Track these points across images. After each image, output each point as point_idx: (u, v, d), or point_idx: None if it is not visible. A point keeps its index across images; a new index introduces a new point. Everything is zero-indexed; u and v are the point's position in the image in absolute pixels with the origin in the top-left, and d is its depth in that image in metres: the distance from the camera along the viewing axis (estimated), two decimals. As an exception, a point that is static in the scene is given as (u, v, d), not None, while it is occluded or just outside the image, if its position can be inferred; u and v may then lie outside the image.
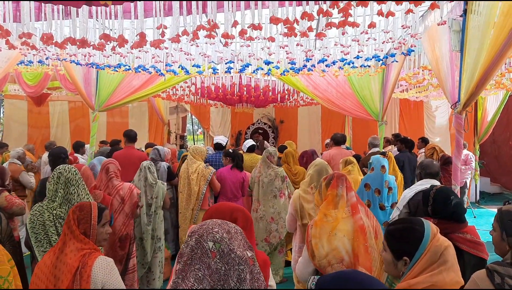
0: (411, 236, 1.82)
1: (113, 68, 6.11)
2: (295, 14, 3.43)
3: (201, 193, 5.36)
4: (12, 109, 12.92)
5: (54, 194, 3.11)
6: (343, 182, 2.72)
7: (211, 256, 1.41)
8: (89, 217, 2.38)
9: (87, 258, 2.21)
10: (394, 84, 6.97)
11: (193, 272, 1.40)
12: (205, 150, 5.72)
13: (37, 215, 3.00)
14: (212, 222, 1.53)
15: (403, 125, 12.37)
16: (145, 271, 4.85)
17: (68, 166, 3.26)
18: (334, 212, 2.60)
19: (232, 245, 1.46)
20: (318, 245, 2.51)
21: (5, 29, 3.29)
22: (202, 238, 1.45)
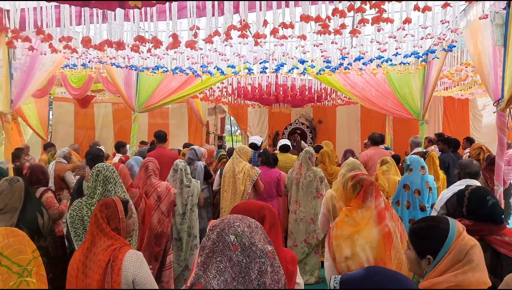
0: (435, 234, 1.76)
1: (151, 70, 6.27)
2: (327, 11, 3.38)
3: (246, 192, 5.40)
4: (60, 111, 13.52)
5: (92, 191, 3.24)
6: (372, 192, 2.63)
7: (233, 249, 1.44)
8: (117, 213, 2.44)
9: (118, 252, 2.27)
10: (436, 82, 6.73)
11: (214, 264, 1.42)
12: (250, 150, 5.75)
13: (76, 211, 3.14)
14: (233, 217, 1.55)
15: (447, 125, 11.91)
16: (181, 270, 4.93)
17: (107, 164, 3.39)
18: (356, 215, 2.53)
19: (253, 238, 1.48)
20: (339, 246, 2.48)
21: (47, 33, 3.44)
22: (223, 232, 1.47)
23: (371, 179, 2.70)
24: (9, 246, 1.78)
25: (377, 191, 2.64)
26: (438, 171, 5.36)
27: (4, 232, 1.82)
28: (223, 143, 15.11)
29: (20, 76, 5.51)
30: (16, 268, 1.75)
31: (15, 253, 1.77)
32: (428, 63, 6.57)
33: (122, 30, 3.75)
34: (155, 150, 6.37)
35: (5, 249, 1.76)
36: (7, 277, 1.72)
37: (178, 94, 7.93)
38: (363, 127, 13.08)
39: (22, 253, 1.79)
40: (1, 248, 1.76)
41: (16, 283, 1.72)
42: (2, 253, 1.75)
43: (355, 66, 5.99)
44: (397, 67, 6.15)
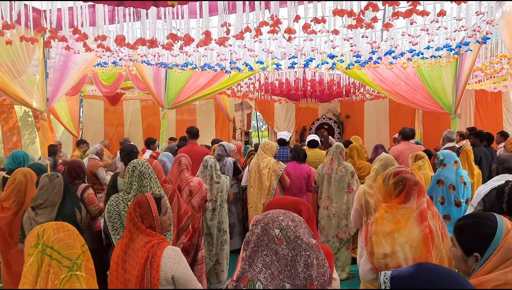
0: (482, 232, 1.72)
1: (181, 67, 6.34)
2: (360, 5, 3.34)
3: (272, 187, 5.41)
4: (90, 108, 13.85)
5: (129, 186, 3.31)
6: (415, 193, 2.53)
7: (278, 242, 1.45)
8: (150, 211, 2.46)
9: (156, 249, 2.31)
10: (469, 75, 6.57)
11: (260, 258, 1.44)
12: (275, 146, 5.75)
13: (113, 206, 3.22)
14: (276, 211, 1.56)
15: (479, 119, 11.59)
16: (213, 264, 4.99)
17: (142, 160, 3.46)
18: (397, 212, 2.47)
19: (298, 232, 1.48)
20: (379, 242, 2.43)
21: (83, 32, 3.53)
22: (268, 226, 1.48)
23: (415, 179, 2.57)
24: (59, 240, 1.83)
25: (420, 190, 2.54)
26: (473, 166, 5.23)
27: (55, 227, 1.88)
28: (249, 139, 15.15)
29: (55, 75, 5.67)
30: (66, 262, 1.80)
31: (65, 247, 1.82)
32: (460, 55, 6.41)
33: (155, 28, 3.80)
34: (187, 146, 6.45)
35: (56, 243, 1.82)
36: (58, 270, 1.77)
37: (206, 91, 8.01)
38: (391, 122, 12.87)
39: (72, 247, 1.84)
40: (52, 242, 1.82)
41: (67, 276, 1.77)
42: (53, 247, 1.81)
43: (385, 60, 5.91)
44: (427, 60, 6.03)
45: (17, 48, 4.85)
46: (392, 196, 2.57)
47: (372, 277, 2.49)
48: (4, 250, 3.82)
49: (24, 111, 11.30)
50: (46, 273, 1.77)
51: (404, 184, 2.53)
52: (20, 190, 3.80)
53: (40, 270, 1.78)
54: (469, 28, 4.70)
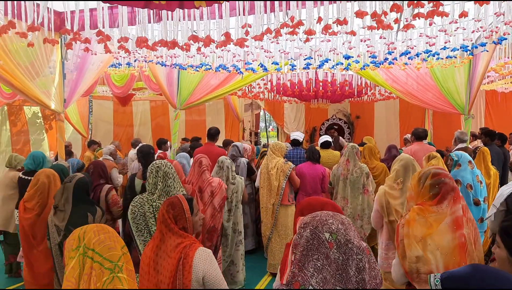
0: None
1: (195, 68, 6.37)
2: (383, 6, 3.35)
3: (280, 188, 5.42)
4: (100, 109, 13.92)
5: (153, 187, 3.32)
6: (450, 198, 2.47)
7: (329, 246, 1.44)
8: (183, 212, 2.46)
9: (188, 250, 2.32)
10: (483, 75, 6.53)
11: (311, 262, 1.43)
12: (285, 146, 5.77)
13: (138, 207, 3.23)
14: (324, 213, 1.56)
15: (489, 119, 11.55)
16: (227, 265, 5.01)
17: (165, 161, 3.48)
18: (429, 215, 2.43)
19: (348, 235, 1.48)
20: (411, 245, 2.39)
21: (106, 34, 3.56)
22: (317, 229, 1.47)
23: (453, 185, 2.50)
24: (100, 242, 1.84)
25: (457, 196, 2.48)
26: (489, 166, 5.23)
27: (96, 229, 1.90)
28: (258, 139, 15.16)
29: (71, 76, 5.72)
30: (108, 264, 1.81)
31: (106, 249, 1.83)
32: (474, 56, 6.39)
33: (176, 29, 3.83)
34: (204, 147, 6.47)
35: (97, 246, 1.83)
36: (100, 272, 1.78)
37: (219, 91, 8.03)
38: (401, 122, 12.85)
39: (113, 249, 1.85)
40: (93, 244, 1.83)
41: (109, 278, 1.78)
42: (94, 249, 1.82)
43: (400, 61, 5.90)
44: (442, 61, 6.01)
45: (35, 50, 4.88)
46: (426, 197, 2.52)
47: (406, 280, 2.47)
48: (27, 251, 3.85)
49: (33, 112, 11.38)
50: (89, 275, 1.79)
51: (441, 188, 2.48)
52: (43, 191, 3.82)
53: (82, 273, 1.80)
54: (487, 29, 4.69)
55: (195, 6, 2.75)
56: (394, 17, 3.54)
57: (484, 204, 4.27)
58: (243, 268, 5.13)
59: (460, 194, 2.51)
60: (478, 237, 2.48)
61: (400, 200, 3.61)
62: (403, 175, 3.67)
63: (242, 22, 3.81)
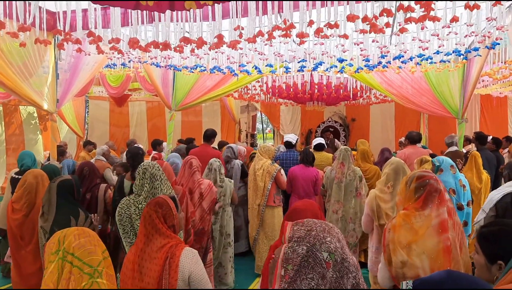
0: (507, 239, 1.72)
1: (190, 70, 6.37)
2: (374, 10, 3.36)
3: (266, 189, 5.42)
4: (96, 109, 13.91)
5: (140, 189, 3.31)
6: (434, 200, 2.46)
7: (326, 266, 1.39)
8: (171, 210, 2.47)
9: (175, 249, 2.32)
10: (477, 80, 6.57)
11: (305, 280, 1.38)
12: (273, 149, 5.78)
13: (124, 209, 3.21)
14: (320, 228, 1.50)
15: (484, 123, 11.59)
16: (215, 267, 5.00)
17: (152, 163, 3.46)
18: (415, 221, 2.42)
19: (344, 253, 1.44)
20: (396, 251, 2.38)
21: (97, 35, 3.55)
22: (314, 248, 1.42)
23: (438, 186, 2.50)
24: (81, 246, 1.81)
25: (442, 198, 2.47)
26: (481, 170, 5.22)
27: (76, 233, 1.87)
28: (254, 141, 15.17)
29: (65, 76, 5.71)
30: (87, 269, 1.78)
31: (86, 253, 1.81)
32: (468, 60, 6.41)
33: (168, 31, 3.83)
34: (199, 148, 6.46)
35: (77, 250, 1.80)
36: (79, 277, 1.75)
37: (214, 93, 8.04)
38: (397, 126, 12.90)
39: (93, 253, 1.82)
40: (73, 248, 1.80)
41: (88, 284, 1.75)
42: (74, 253, 1.79)
43: (394, 65, 5.92)
44: (436, 65, 6.03)
45: (28, 50, 4.87)
46: (411, 200, 2.52)
47: (392, 283, 2.46)
48: (15, 251, 3.81)
49: (28, 112, 11.36)
50: (67, 280, 1.76)
51: (425, 189, 2.48)
52: (31, 191, 3.76)
53: (60, 278, 1.77)
54: (479, 33, 4.71)
55: (185, 7, 2.75)
56: (385, 21, 3.56)
57: (468, 208, 4.26)
58: (232, 270, 5.12)
59: (445, 197, 2.50)
60: (464, 241, 2.48)
61: (390, 203, 3.61)
62: (393, 179, 3.67)
63: (235, 24, 3.82)
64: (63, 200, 3.42)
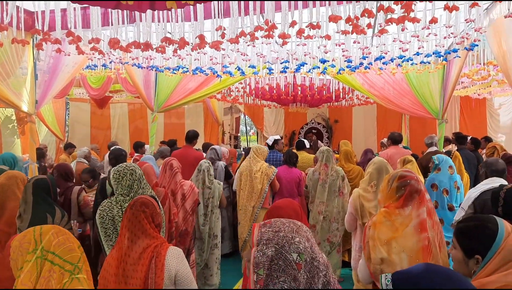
0: (483, 234, 1.74)
1: (172, 71, 6.32)
2: (355, 11, 3.39)
3: (263, 191, 5.44)
4: (77, 111, 13.71)
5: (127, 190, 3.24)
6: (414, 200, 2.50)
7: (297, 268, 1.37)
8: (155, 209, 2.47)
9: (160, 249, 2.31)
10: (456, 81, 6.68)
11: (277, 285, 1.36)
12: (267, 150, 5.79)
13: (106, 211, 3.14)
14: (288, 228, 1.47)
15: (464, 124, 11.83)
16: (201, 268, 4.98)
17: (132, 164, 3.42)
18: (395, 219, 2.46)
19: (314, 253, 1.42)
20: (376, 248, 2.41)
21: (77, 35, 3.50)
22: (283, 249, 1.39)
23: (418, 187, 2.53)
24: (61, 244, 1.80)
25: (422, 199, 2.50)
26: (462, 171, 5.33)
27: (53, 231, 1.84)
28: (238, 143, 15.15)
29: (44, 77, 5.60)
30: (68, 266, 1.76)
31: (66, 251, 1.79)
32: (447, 62, 6.52)
33: (150, 31, 3.79)
34: (181, 150, 6.43)
35: (57, 248, 1.78)
36: (60, 275, 1.74)
37: (197, 94, 7.99)
38: (379, 127, 13.06)
39: (73, 251, 1.81)
40: (53, 247, 1.78)
41: (69, 280, 1.74)
42: (54, 252, 1.77)
43: (375, 66, 5.97)
44: (416, 67, 6.12)
45: (6, 50, 4.77)
46: (392, 199, 2.55)
47: (371, 280, 2.49)
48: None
49: (6, 115, 11.11)
50: (46, 278, 1.73)
51: (406, 189, 2.51)
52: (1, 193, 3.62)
53: (39, 277, 1.74)
54: (458, 35, 4.79)
55: (166, 7, 2.73)
56: (367, 22, 3.59)
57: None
58: (217, 272, 5.10)
59: (425, 197, 2.53)
60: (443, 240, 2.52)
61: (373, 202, 3.65)
62: (376, 178, 3.71)
63: (217, 24, 3.80)
64: (39, 199, 3.37)
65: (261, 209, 5.43)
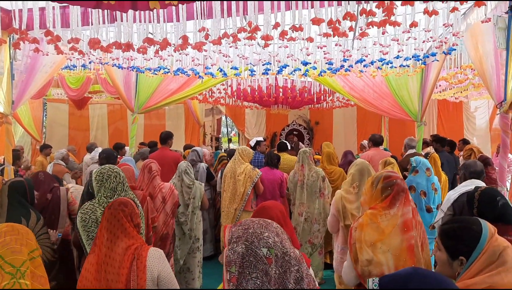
0: (468, 235, 1.77)
1: (153, 71, 6.26)
2: (337, 14, 3.41)
3: (246, 193, 5.41)
4: (55, 112, 13.39)
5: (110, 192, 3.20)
6: (401, 199, 2.52)
7: (267, 262, 1.38)
8: (135, 209, 2.45)
9: (141, 250, 2.28)
10: (434, 84, 6.82)
11: (251, 281, 1.37)
12: (252, 152, 5.77)
13: (89, 213, 3.08)
14: (257, 225, 1.48)
15: (441, 127, 12.07)
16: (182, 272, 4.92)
17: (115, 166, 3.37)
18: (381, 221, 2.47)
19: (284, 247, 1.43)
20: (363, 249, 2.42)
21: (56, 34, 3.43)
22: (253, 245, 1.40)
23: (404, 186, 2.57)
24: (4, 244, 1.73)
25: (407, 198, 2.54)
26: (440, 172, 5.41)
27: (5, 229, 1.77)
28: (220, 145, 15.10)
29: (21, 77, 5.47)
30: (8, 268, 1.69)
31: (9, 252, 1.72)
32: (426, 65, 6.64)
33: (131, 31, 3.74)
34: (158, 151, 6.37)
35: (0, 248, 1.72)
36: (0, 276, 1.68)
37: (178, 96, 7.93)
38: (359, 129, 13.22)
39: (17, 253, 1.72)
40: None
41: (10, 283, 1.66)
42: None
43: (356, 68, 6.04)
44: (396, 70, 6.21)
45: (-19, 49, 4.65)
46: (378, 199, 2.57)
47: (357, 281, 2.50)
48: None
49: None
50: None
51: (393, 189, 2.53)
52: None
53: None
54: (436, 39, 4.88)
55: (149, 7, 2.70)
56: (348, 25, 3.62)
57: (436, 211, 4.40)
58: (199, 275, 5.06)
59: (410, 197, 2.57)
60: (425, 239, 2.56)
61: (356, 204, 3.67)
62: (358, 179, 3.73)
63: (199, 25, 3.78)
64: (14, 202, 3.29)
65: (243, 212, 5.41)
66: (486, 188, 2.83)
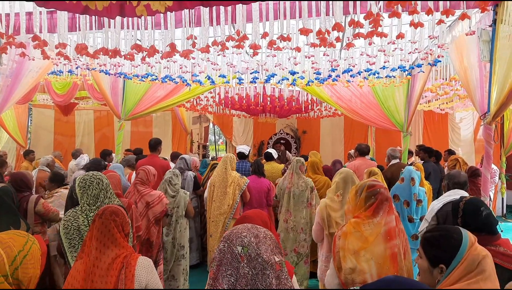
0: (448, 243, 1.80)
1: (140, 78, 6.24)
2: (326, 25, 3.45)
3: (235, 202, 5.40)
4: (40, 118, 13.25)
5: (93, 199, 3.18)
6: (385, 208, 2.55)
7: (240, 260, 1.42)
8: (126, 218, 2.43)
9: (130, 259, 2.26)
10: (420, 95, 6.91)
11: (225, 278, 1.41)
12: (235, 158, 5.77)
13: (71, 221, 3.05)
14: (243, 226, 1.55)
15: (427, 137, 12.23)
16: (167, 280, 4.88)
17: (98, 173, 3.34)
18: (365, 229, 2.49)
19: (259, 249, 1.46)
20: (346, 258, 2.44)
21: (43, 39, 3.40)
22: (232, 243, 1.46)
23: (388, 195, 2.60)
24: None
25: (390, 207, 2.56)
26: (423, 182, 5.46)
27: None
28: (207, 152, 15.06)
29: (6, 82, 5.41)
30: None
31: None
32: (412, 76, 6.74)
33: (119, 38, 3.73)
34: (147, 158, 6.33)
35: None
36: None
37: (165, 103, 7.91)
38: (346, 138, 13.31)
39: None
40: None
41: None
42: None
43: (343, 78, 6.10)
44: (383, 80, 6.29)
45: (-34, 53, 4.60)
46: (362, 208, 2.58)
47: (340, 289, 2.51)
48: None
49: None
50: None
51: (376, 197, 2.55)
52: None
53: None
54: (422, 50, 4.96)
55: (136, 14, 2.69)
56: (336, 35, 3.66)
57: (419, 222, 4.43)
58: (184, 283, 5.01)
59: (393, 206, 2.60)
60: (408, 248, 2.58)
61: (340, 212, 3.68)
62: (342, 188, 3.75)
63: (187, 33, 3.79)
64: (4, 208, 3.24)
65: (231, 220, 5.39)
66: (471, 198, 2.86)
